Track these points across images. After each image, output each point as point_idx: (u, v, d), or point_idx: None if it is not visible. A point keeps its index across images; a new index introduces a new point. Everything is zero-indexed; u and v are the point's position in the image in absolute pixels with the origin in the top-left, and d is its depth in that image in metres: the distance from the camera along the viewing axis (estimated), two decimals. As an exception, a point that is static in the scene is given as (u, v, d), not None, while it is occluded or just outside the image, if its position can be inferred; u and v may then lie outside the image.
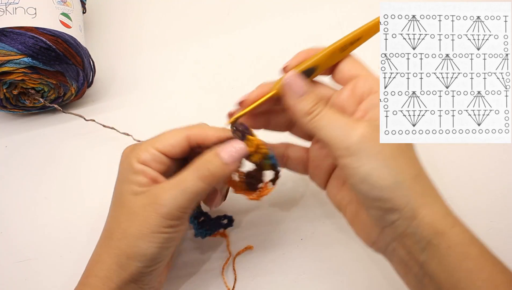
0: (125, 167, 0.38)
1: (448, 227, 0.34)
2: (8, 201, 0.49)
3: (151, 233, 0.35)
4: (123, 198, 0.37)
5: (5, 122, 0.55)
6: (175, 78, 0.57)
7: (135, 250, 0.36)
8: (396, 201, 0.34)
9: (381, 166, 0.34)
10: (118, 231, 0.36)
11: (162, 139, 0.38)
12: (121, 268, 0.36)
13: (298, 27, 0.62)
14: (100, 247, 0.38)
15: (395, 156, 0.34)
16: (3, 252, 0.46)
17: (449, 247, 0.33)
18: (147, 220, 0.35)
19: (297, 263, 0.45)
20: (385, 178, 0.34)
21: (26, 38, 0.46)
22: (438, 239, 0.33)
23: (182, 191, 0.36)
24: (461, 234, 0.34)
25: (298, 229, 0.47)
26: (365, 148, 0.34)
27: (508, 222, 0.47)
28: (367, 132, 0.34)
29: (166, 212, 0.35)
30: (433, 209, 0.34)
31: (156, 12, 0.63)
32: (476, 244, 0.34)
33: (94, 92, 0.56)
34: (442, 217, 0.34)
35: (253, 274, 0.45)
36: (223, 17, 0.62)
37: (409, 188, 0.34)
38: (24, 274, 0.45)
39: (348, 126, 0.35)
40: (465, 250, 0.33)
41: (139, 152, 0.38)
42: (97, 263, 0.37)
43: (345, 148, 0.34)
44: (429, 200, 0.34)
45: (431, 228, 0.34)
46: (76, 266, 0.46)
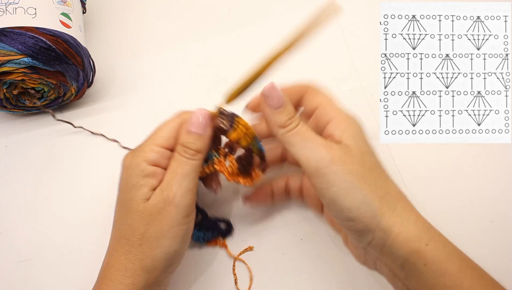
0: (133, 171, 0.37)
1: (422, 245, 0.34)
2: (8, 201, 0.49)
3: (171, 229, 0.36)
4: (134, 205, 0.37)
5: (5, 122, 0.55)
6: (175, 78, 0.57)
7: (159, 250, 0.36)
8: (366, 221, 0.35)
9: (349, 188, 0.34)
10: (135, 237, 0.36)
11: (160, 135, 0.39)
12: (147, 272, 0.36)
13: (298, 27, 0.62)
14: (119, 255, 0.37)
15: (363, 177, 0.35)
16: (3, 252, 0.46)
17: (425, 264, 0.33)
18: (166, 218, 0.36)
19: (297, 263, 0.45)
20: (353, 198, 0.34)
21: (26, 38, 0.46)
22: (413, 257, 0.34)
23: (183, 175, 0.37)
24: (437, 250, 0.34)
25: (298, 229, 0.47)
26: (334, 170, 0.35)
27: (508, 222, 0.47)
28: (337, 154, 0.35)
29: (183, 204, 0.37)
30: (406, 228, 0.34)
31: (156, 12, 0.63)
32: (454, 259, 0.34)
33: (94, 92, 0.56)
34: (416, 235, 0.34)
35: (253, 274, 0.45)
36: (223, 17, 0.62)
37: (378, 208, 0.34)
38: (24, 274, 0.45)
39: (319, 147, 0.35)
40: (442, 267, 0.33)
41: (145, 154, 0.38)
42: (119, 270, 0.36)
43: (315, 169, 0.35)
44: (401, 218, 0.34)
45: (405, 247, 0.34)
46: (76, 266, 0.46)
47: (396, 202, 0.35)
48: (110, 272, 0.37)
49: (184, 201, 0.37)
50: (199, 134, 0.38)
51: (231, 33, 0.61)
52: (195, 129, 0.38)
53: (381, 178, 0.36)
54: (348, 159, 0.35)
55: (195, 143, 0.38)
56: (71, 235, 0.47)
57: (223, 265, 0.45)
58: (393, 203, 0.35)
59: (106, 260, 0.38)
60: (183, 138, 0.38)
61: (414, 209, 0.36)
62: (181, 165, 0.38)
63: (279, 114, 0.37)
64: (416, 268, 0.34)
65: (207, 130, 0.39)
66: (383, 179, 0.36)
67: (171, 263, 0.37)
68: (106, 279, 0.37)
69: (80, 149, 0.52)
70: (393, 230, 0.34)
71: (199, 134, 0.38)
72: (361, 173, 0.35)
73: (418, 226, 0.35)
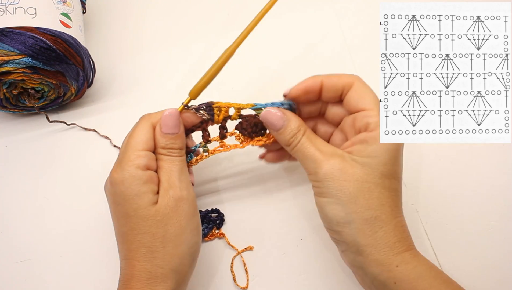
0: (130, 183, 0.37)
1: (393, 266, 0.36)
2: (8, 201, 0.49)
3: (189, 222, 0.38)
4: (144, 212, 0.37)
5: (5, 122, 0.55)
6: (175, 78, 0.57)
7: (184, 246, 0.37)
8: (343, 236, 0.37)
9: (336, 203, 0.37)
10: (157, 242, 0.37)
11: (137, 141, 0.39)
12: (177, 272, 0.37)
13: (298, 27, 0.62)
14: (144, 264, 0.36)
15: (355, 196, 0.36)
16: (3, 252, 0.46)
17: (395, 283, 0.36)
18: (181, 213, 0.38)
19: (297, 263, 0.45)
20: (337, 214, 0.37)
21: (26, 38, 0.46)
22: (383, 276, 0.36)
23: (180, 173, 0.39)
24: (407, 271, 0.36)
25: (298, 229, 0.47)
26: (328, 183, 0.37)
27: (508, 222, 0.47)
28: (334, 168, 0.37)
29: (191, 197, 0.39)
30: (379, 250, 0.36)
31: (156, 13, 0.63)
32: (424, 277, 0.36)
33: (94, 92, 0.56)
34: (387, 258, 0.36)
35: (253, 274, 0.45)
36: (223, 17, 0.62)
37: (358, 228, 0.36)
38: (24, 274, 0.45)
39: (318, 159, 0.38)
40: (413, 285, 0.35)
41: (133, 162, 0.38)
42: (147, 279, 0.36)
43: (313, 178, 0.38)
44: (378, 242, 0.36)
45: (375, 266, 0.36)
46: (76, 266, 0.46)
47: (380, 227, 0.36)
48: (138, 282, 0.36)
49: (190, 194, 0.39)
50: (175, 134, 0.40)
51: (231, 34, 0.61)
52: (170, 130, 0.40)
53: (377, 201, 0.37)
54: (344, 175, 0.37)
55: (176, 143, 0.40)
56: (71, 235, 0.47)
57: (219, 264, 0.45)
58: (376, 227, 0.36)
59: (127, 272, 0.37)
60: (162, 141, 0.40)
61: (398, 233, 0.37)
62: (172, 163, 0.39)
63: (280, 135, 0.40)
64: (385, 285, 0.36)
65: (181, 127, 0.41)
66: (380, 202, 0.37)
67: (194, 256, 0.39)
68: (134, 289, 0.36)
69: (80, 149, 0.52)
70: (365, 250, 0.36)
71: (175, 133, 0.40)
72: (354, 192, 0.36)
73: (394, 249, 0.36)
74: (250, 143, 0.43)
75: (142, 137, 0.39)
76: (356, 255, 0.37)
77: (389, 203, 0.37)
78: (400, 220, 0.38)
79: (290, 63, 0.56)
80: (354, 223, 0.36)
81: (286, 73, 0.56)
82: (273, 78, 0.52)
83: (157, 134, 0.40)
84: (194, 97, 0.42)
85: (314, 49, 0.58)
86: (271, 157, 0.46)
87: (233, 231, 0.47)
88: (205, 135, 0.43)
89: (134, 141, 0.39)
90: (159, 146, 0.40)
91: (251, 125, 0.43)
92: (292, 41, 0.60)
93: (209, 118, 0.42)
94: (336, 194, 0.37)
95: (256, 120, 0.42)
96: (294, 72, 0.45)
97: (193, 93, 0.42)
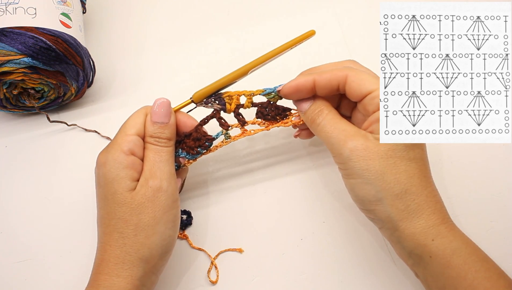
0: (111, 167, 0.38)
1: (428, 240, 0.36)
2: (8, 201, 0.49)
3: (164, 215, 0.38)
4: (120, 197, 0.37)
5: (5, 122, 0.55)
6: (175, 78, 0.57)
7: (155, 237, 0.37)
8: (377, 214, 0.37)
9: (364, 183, 0.37)
10: (129, 229, 0.37)
11: (128, 125, 0.40)
12: (145, 261, 0.37)
13: (298, 27, 0.62)
14: (113, 249, 0.37)
15: (382, 173, 0.36)
16: (3, 252, 0.46)
17: (431, 257, 0.36)
18: (157, 205, 0.37)
19: (297, 263, 0.45)
20: (367, 193, 0.37)
21: (26, 38, 0.46)
22: (419, 249, 0.36)
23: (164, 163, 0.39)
24: (443, 245, 0.36)
25: (298, 229, 0.47)
26: (353, 164, 0.37)
27: (508, 222, 0.47)
28: (358, 148, 0.37)
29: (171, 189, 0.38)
30: (414, 224, 0.36)
31: (156, 12, 0.63)
32: (460, 253, 0.36)
33: (94, 92, 0.56)
34: (423, 231, 0.36)
35: (253, 274, 0.45)
36: (223, 17, 0.62)
37: (390, 204, 0.36)
38: (24, 274, 0.45)
39: (341, 140, 0.38)
40: (447, 260, 0.35)
41: (119, 146, 0.39)
42: (116, 264, 0.37)
43: (338, 160, 0.38)
44: (411, 215, 0.36)
45: (412, 240, 0.36)
46: (76, 266, 0.46)
47: (412, 199, 0.36)
48: (106, 267, 0.37)
49: (171, 186, 0.38)
50: (165, 123, 0.40)
51: (231, 33, 0.61)
52: (160, 119, 0.40)
53: (405, 174, 0.36)
54: (368, 154, 0.36)
55: (164, 132, 0.40)
56: (71, 235, 0.47)
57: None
58: (408, 200, 0.36)
59: (99, 256, 0.38)
60: (150, 129, 0.40)
61: (432, 204, 0.37)
62: (158, 153, 0.39)
63: (306, 114, 0.41)
64: (422, 259, 0.36)
65: (171, 118, 0.40)
66: (408, 174, 0.36)
67: (167, 249, 0.39)
68: (103, 274, 0.37)
69: (80, 149, 0.52)
70: (400, 225, 0.36)
71: (164, 122, 0.40)
72: (380, 169, 0.36)
73: (429, 222, 0.36)
74: (276, 125, 0.43)
75: (131, 123, 0.40)
76: (393, 231, 0.37)
77: (417, 174, 0.37)
78: (432, 190, 0.38)
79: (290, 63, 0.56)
80: (386, 199, 0.36)
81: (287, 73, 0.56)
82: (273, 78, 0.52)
83: (147, 122, 0.40)
84: (197, 100, 0.42)
85: (314, 49, 0.58)
86: (305, 134, 0.46)
87: (233, 231, 0.47)
88: (222, 123, 0.43)
89: (124, 125, 0.40)
90: (147, 134, 0.40)
91: (273, 108, 0.43)
92: (292, 41, 0.60)
93: (221, 108, 0.42)
94: (363, 174, 0.36)
95: (274, 104, 0.43)
96: (294, 72, 0.45)
97: (197, 97, 0.42)
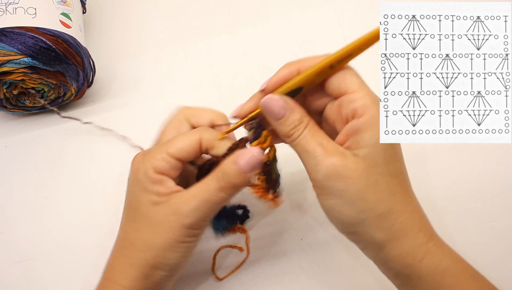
0: (141, 176, 0.36)
1: (417, 260, 0.34)
2: (8, 201, 0.49)
3: (176, 243, 0.36)
4: (142, 208, 0.36)
5: (5, 122, 0.55)
6: (175, 77, 0.57)
7: (161, 261, 0.36)
8: (360, 236, 0.35)
9: (344, 204, 0.34)
10: (140, 242, 0.36)
11: (175, 144, 0.36)
12: (146, 278, 0.36)
13: (297, 27, 0.62)
14: (121, 257, 0.37)
15: (363, 193, 0.33)
16: (3, 252, 0.46)
17: (420, 277, 0.34)
18: (172, 231, 0.35)
19: (297, 263, 0.45)
20: (348, 215, 0.34)
21: (26, 38, 0.46)
22: (407, 270, 0.34)
23: (204, 202, 0.35)
24: (433, 265, 0.34)
25: (298, 229, 0.47)
26: (330, 185, 0.34)
27: (508, 222, 0.47)
28: (334, 168, 0.33)
29: (189, 223, 0.35)
30: (400, 244, 0.34)
31: (156, 12, 0.63)
32: (451, 272, 0.34)
33: (94, 92, 0.56)
34: (410, 251, 0.34)
35: (253, 274, 0.45)
36: (223, 16, 0.62)
37: (373, 225, 0.34)
38: (24, 274, 0.45)
39: (318, 159, 0.34)
40: (438, 280, 0.33)
41: (154, 161, 0.36)
42: (119, 272, 0.36)
43: (314, 179, 0.35)
44: (397, 235, 0.34)
45: (398, 261, 0.34)
46: (76, 266, 0.46)
47: (395, 219, 0.34)
48: (112, 273, 0.37)
49: (195, 224, 0.35)
50: (246, 173, 0.35)
51: (231, 33, 0.61)
52: (245, 167, 0.35)
53: (387, 192, 0.34)
54: (347, 173, 0.33)
55: (238, 179, 0.35)
56: (71, 235, 0.47)
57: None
58: (392, 219, 0.34)
59: (110, 260, 0.38)
60: (228, 168, 0.35)
61: (417, 221, 0.35)
62: (210, 193, 0.36)
63: (280, 125, 0.36)
64: (410, 279, 0.34)
65: (254, 172, 0.36)
66: (391, 192, 0.34)
67: (171, 273, 0.37)
68: (108, 280, 0.37)
69: (80, 149, 0.52)
70: (385, 246, 0.34)
71: (247, 172, 0.35)
72: (361, 188, 0.33)
73: (416, 241, 0.34)
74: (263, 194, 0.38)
75: (179, 144, 0.36)
76: (377, 252, 0.35)
77: (399, 191, 0.35)
78: (415, 205, 0.36)
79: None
80: (368, 220, 0.34)
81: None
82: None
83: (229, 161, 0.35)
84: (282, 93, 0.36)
85: (314, 49, 0.58)
86: None
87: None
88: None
89: (171, 142, 0.37)
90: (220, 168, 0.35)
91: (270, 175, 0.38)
92: (292, 41, 0.60)
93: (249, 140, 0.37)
94: (343, 194, 0.34)
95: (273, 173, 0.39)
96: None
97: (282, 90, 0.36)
